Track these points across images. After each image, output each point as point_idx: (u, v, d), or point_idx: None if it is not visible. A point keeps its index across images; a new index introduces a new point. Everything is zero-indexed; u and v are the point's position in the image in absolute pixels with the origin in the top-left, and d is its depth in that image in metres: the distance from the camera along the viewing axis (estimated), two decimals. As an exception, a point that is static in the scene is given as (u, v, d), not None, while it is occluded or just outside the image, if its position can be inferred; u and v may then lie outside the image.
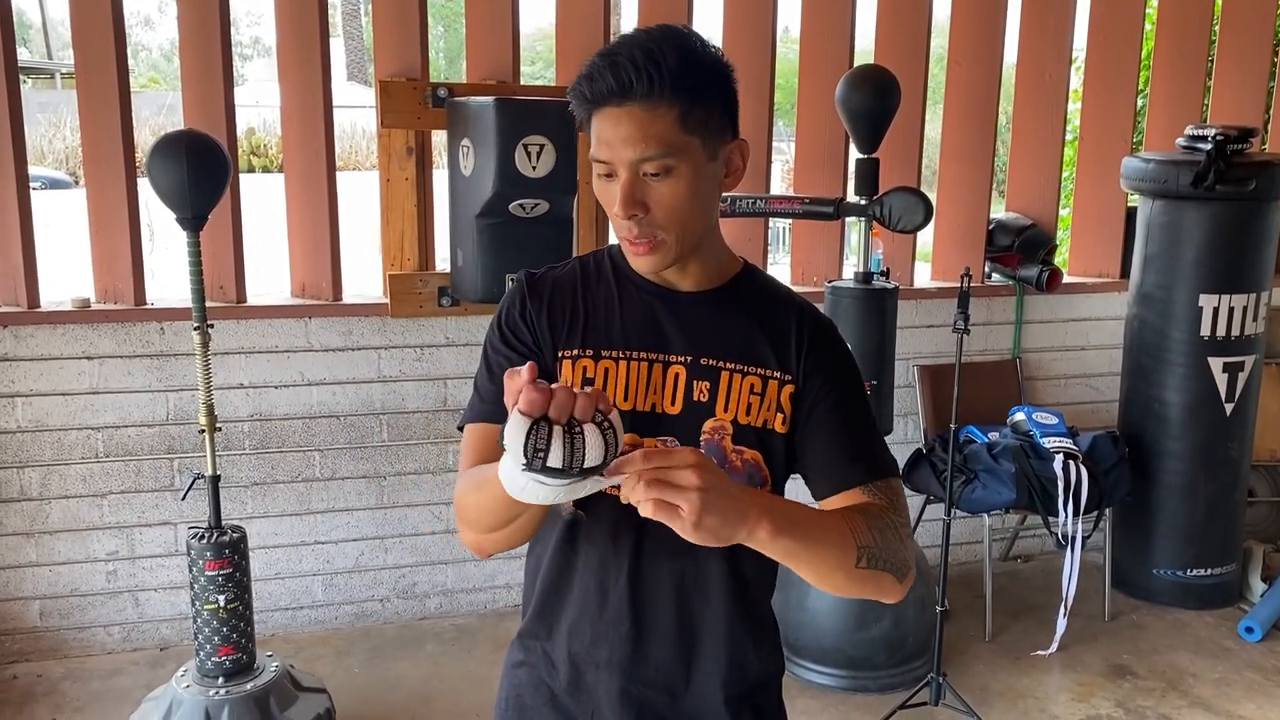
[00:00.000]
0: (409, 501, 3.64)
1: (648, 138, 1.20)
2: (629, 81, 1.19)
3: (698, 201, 1.25)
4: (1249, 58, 4.35)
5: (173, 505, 3.40)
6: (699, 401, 1.30)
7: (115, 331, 3.32)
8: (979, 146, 4.11)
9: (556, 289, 1.35)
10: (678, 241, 1.25)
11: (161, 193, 2.67)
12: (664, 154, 1.21)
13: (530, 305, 1.34)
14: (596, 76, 1.21)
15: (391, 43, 3.47)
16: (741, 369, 1.32)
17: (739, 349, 1.32)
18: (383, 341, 3.53)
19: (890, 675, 3.28)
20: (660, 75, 1.19)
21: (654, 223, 1.23)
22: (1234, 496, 3.89)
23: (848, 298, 3.29)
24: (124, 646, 3.47)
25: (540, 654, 1.39)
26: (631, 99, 1.19)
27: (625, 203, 1.22)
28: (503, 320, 1.36)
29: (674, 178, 1.22)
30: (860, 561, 1.22)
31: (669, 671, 1.35)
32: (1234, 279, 3.70)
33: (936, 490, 3.62)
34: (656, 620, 1.33)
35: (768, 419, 1.32)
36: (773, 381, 1.32)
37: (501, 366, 1.30)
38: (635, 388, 1.30)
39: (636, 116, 1.20)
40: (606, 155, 1.22)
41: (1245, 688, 3.37)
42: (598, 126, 1.23)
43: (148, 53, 31.14)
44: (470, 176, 3.17)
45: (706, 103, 1.23)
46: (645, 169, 1.21)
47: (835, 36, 3.86)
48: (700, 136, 1.23)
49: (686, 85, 1.21)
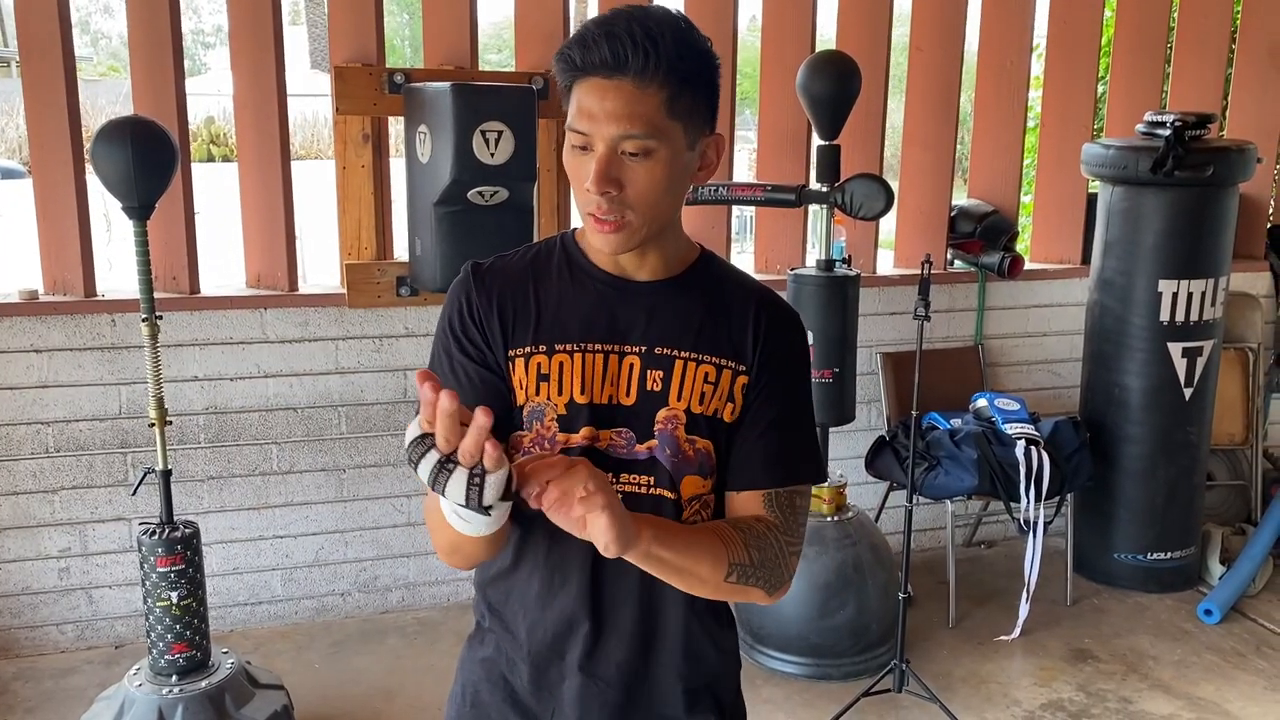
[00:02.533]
0: (369, 494, 3.60)
1: (633, 116, 1.17)
2: (624, 56, 1.16)
3: (671, 188, 1.23)
4: (1207, 45, 4.37)
5: (126, 501, 3.34)
6: (652, 391, 1.28)
7: (64, 324, 3.25)
8: (941, 133, 4.12)
9: (506, 281, 1.31)
10: (644, 225, 1.23)
11: (107, 181, 2.60)
12: (647, 135, 1.18)
13: (478, 302, 1.30)
14: (591, 45, 1.17)
15: (348, 28, 3.41)
16: (696, 358, 1.29)
17: (694, 338, 1.30)
18: (340, 332, 3.48)
19: (854, 663, 3.28)
20: (657, 55, 1.16)
21: (624, 202, 1.20)
22: (1193, 480, 3.92)
23: (810, 285, 3.28)
24: (77, 645, 3.41)
25: (500, 650, 1.37)
26: (623, 74, 1.16)
27: (600, 179, 1.18)
28: (453, 324, 1.31)
29: (652, 160, 1.19)
30: (730, 577, 1.25)
31: (629, 668, 1.34)
32: (1192, 264, 3.73)
33: (899, 477, 3.63)
34: (617, 616, 1.32)
35: (719, 408, 1.30)
36: (727, 371, 1.30)
37: (453, 368, 1.29)
38: (591, 380, 1.28)
39: (625, 92, 1.17)
40: (586, 127, 1.19)
41: (1204, 669, 3.40)
42: (581, 96, 1.19)
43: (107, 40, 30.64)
44: (428, 164, 3.12)
45: (694, 91, 1.21)
46: (625, 147, 1.18)
47: (797, 23, 3.84)
48: (683, 123, 1.21)
49: (679, 69, 1.18)
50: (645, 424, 1.28)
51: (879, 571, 3.31)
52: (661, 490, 1.28)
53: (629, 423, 1.28)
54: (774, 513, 1.31)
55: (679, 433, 1.29)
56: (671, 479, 1.29)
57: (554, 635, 1.33)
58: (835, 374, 3.27)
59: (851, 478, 3.62)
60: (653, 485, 1.28)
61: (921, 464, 3.53)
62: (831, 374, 3.27)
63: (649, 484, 1.28)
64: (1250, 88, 4.50)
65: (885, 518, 3.94)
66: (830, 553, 3.26)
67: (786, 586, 1.31)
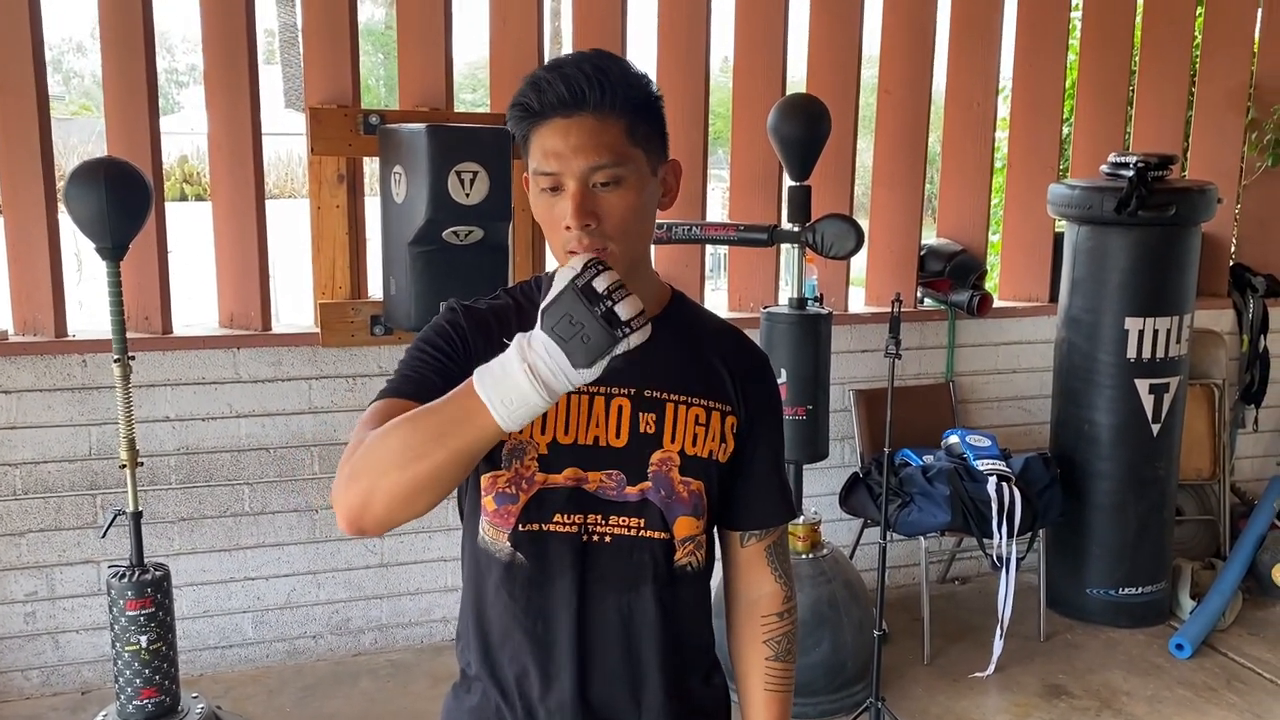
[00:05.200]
0: (342, 535, 3.56)
1: (599, 146, 1.20)
2: (581, 91, 1.20)
3: (642, 215, 1.26)
4: (1168, 88, 4.48)
5: (95, 543, 3.29)
6: (645, 433, 1.30)
7: (34, 364, 3.22)
8: (910, 174, 4.18)
9: (494, 318, 1.31)
10: (624, 254, 1.25)
11: (80, 222, 2.60)
12: (615, 163, 1.21)
13: (469, 328, 1.30)
14: (545, 87, 1.21)
15: (323, 69, 3.43)
16: (686, 400, 1.32)
17: (681, 380, 1.32)
18: (314, 372, 3.47)
19: (830, 700, 3.27)
20: (611, 86, 1.21)
21: (604, 233, 1.22)
22: (1163, 515, 3.96)
23: (783, 323, 3.31)
24: (43, 691, 3.34)
25: (487, 698, 1.36)
26: (583, 109, 1.20)
27: (578, 212, 1.20)
28: (439, 329, 1.30)
29: (624, 188, 1.22)
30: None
31: (618, 708, 1.33)
32: (1158, 302, 3.79)
33: (873, 513, 3.64)
34: (605, 660, 1.32)
35: (713, 449, 1.33)
36: (716, 412, 1.33)
37: (436, 362, 1.26)
38: (576, 421, 1.28)
39: (588, 126, 1.20)
40: (555, 167, 1.21)
41: (1176, 704, 3.42)
42: (544, 139, 1.22)
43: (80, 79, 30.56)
44: (403, 204, 3.13)
45: (648, 119, 1.26)
46: (596, 179, 1.21)
47: (768, 66, 3.90)
48: (644, 149, 1.25)
49: (633, 98, 1.23)
50: (638, 466, 1.29)
51: (854, 609, 3.32)
52: (653, 533, 1.30)
53: (619, 464, 1.29)
54: (776, 570, 1.45)
55: (674, 474, 1.30)
56: (664, 519, 1.30)
57: (541, 681, 1.32)
58: (809, 411, 3.29)
59: (826, 515, 3.63)
60: (643, 528, 1.29)
61: (895, 501, 3.55)
62: (805, 411, 3.29)
63: (639, 526, 1.29)
64: (1209, 130, 4.61)
65: (860, 554, 3.95)
66: (805, 590, 3.26)
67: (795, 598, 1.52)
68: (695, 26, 3.77)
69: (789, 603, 1.47)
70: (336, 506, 1.15)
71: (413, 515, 1.14)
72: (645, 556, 1.29)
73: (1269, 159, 4.53)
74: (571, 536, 1.28)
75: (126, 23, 3.24)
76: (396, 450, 1.11)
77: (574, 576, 1.29)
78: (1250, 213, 4.76)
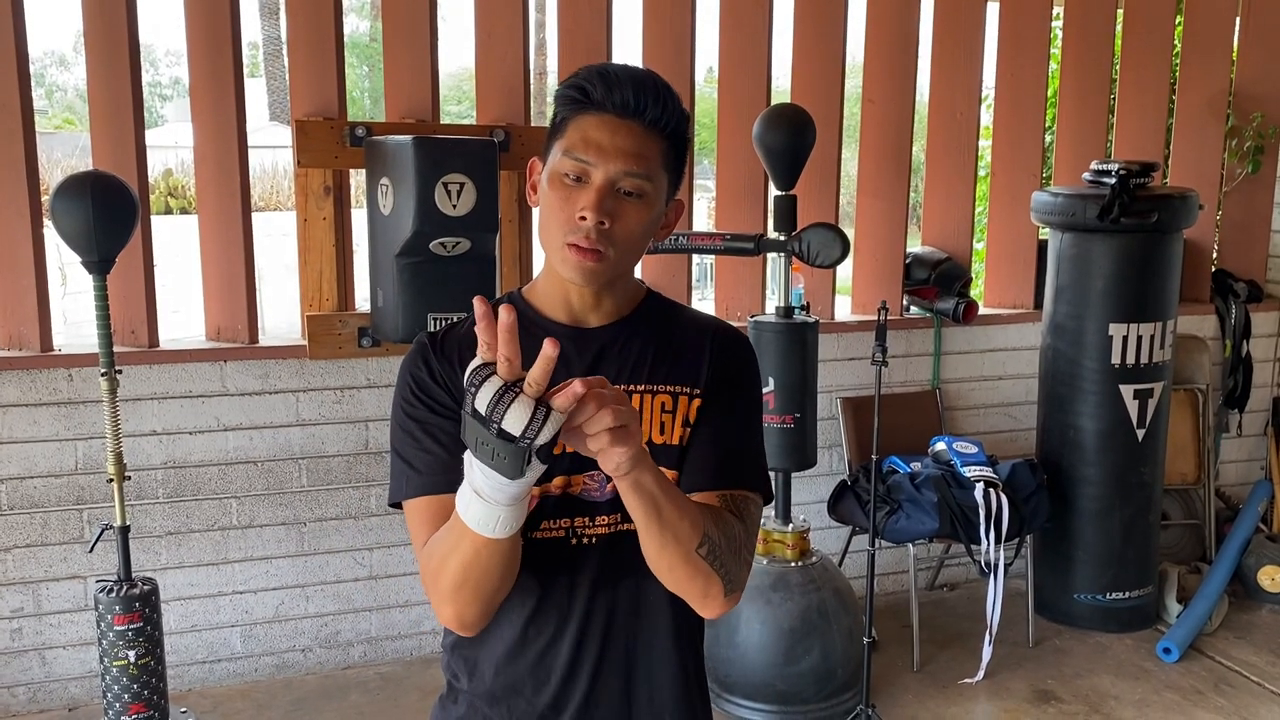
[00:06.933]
0: (330, 548, 3.56)
1: (640, 156, 1.24)
2: (645, 103, 1.24)
3: (645, 234, 1.29)
4: (1148, 96, 4.53)
5: (82, 558, 3.28)
6: None
7: (20, 379, 3.20)
8: (894, 182, 4.21)
9: (462, 345, 1.30)
10: (618, 263, 1.27)
11: (66, 236, 2.60)
12: (645, 176, 1.25)
13: (439, 367, 1.30)
14: (614, 84, 1.24)
15: (308, 81, 3.44)
16: (652, 389, 1.32)
17: (649, 370, 1.33)
18: (301, 384, 3.47)
19: (820, 709, 3.28)
20: (668, 109, 1.26)
21: (610, 237, 1.24)
22: (1149, 520, 3.99)
23: (770, 331, 3.32)
24: (29, 708, 3.32)
25: (474, 709, 1.36)
26: (638, 118, 1.24)
27: (597, 207, 1.22)
28: (416, 391, 1.30)
29: (643, 203, 1.26)
30: (701, 548, 1.20)
31: (615, 706, 1.34)
32: (1141, 308, 3.82)
33: (861, 521, 3.66)
34: (607, 681, 1.32)
35: (682, 435, 1.33)
36: (683, 397, 1.33)
37: (428, 433, 1.27)
38: None
39: (636, 133, 1.24)
40: (592, 157, 1.23)
41: (1165, 708, 3.43)
42: (589, 128, 1.24)
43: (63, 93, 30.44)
44: (390, 215, 3.14)
45: (679, 151, 1.31)
46: (624, 184, 1.24)
47: (752, 76, 3.92)
48: (669, 176, 1.29)
49: (679, 130, 1.29)
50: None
51: (843, 616, 3.33)
52: (628, 524, 1.29)
53: (594, 464, 1.29)
54: (732, 511, 1.29)
55: None
56: None
57: (531, 689, 1.32)
58: (796, 419, 3.30)
59: (814, 522, 3.64)
60: (619, 522, 1.30)
61: (883, 508, 3.57)
62: (793, 419, 3.30)
63: (616, 521, 1.30)
64: (1190, 137, 4.66)
65: (848, 562, 3.96)
66: (795, 598, 3.27)
67: (738, 595, 1.28)
68: (680, 37, 3.79)
69: (745, 534, 1.30)
70: (443, 622, 1.27)
71: (504, 596, 1.24)
72: (626, 550, 1.29)
73: (1249, 166, 4.58)
74: (559, 541, 1.29)
75: (111, 35, 3.24)
76: (455, 575, 1.18)
77: (565, 581, 1.30)
78: (1231, 219, 4.81)
